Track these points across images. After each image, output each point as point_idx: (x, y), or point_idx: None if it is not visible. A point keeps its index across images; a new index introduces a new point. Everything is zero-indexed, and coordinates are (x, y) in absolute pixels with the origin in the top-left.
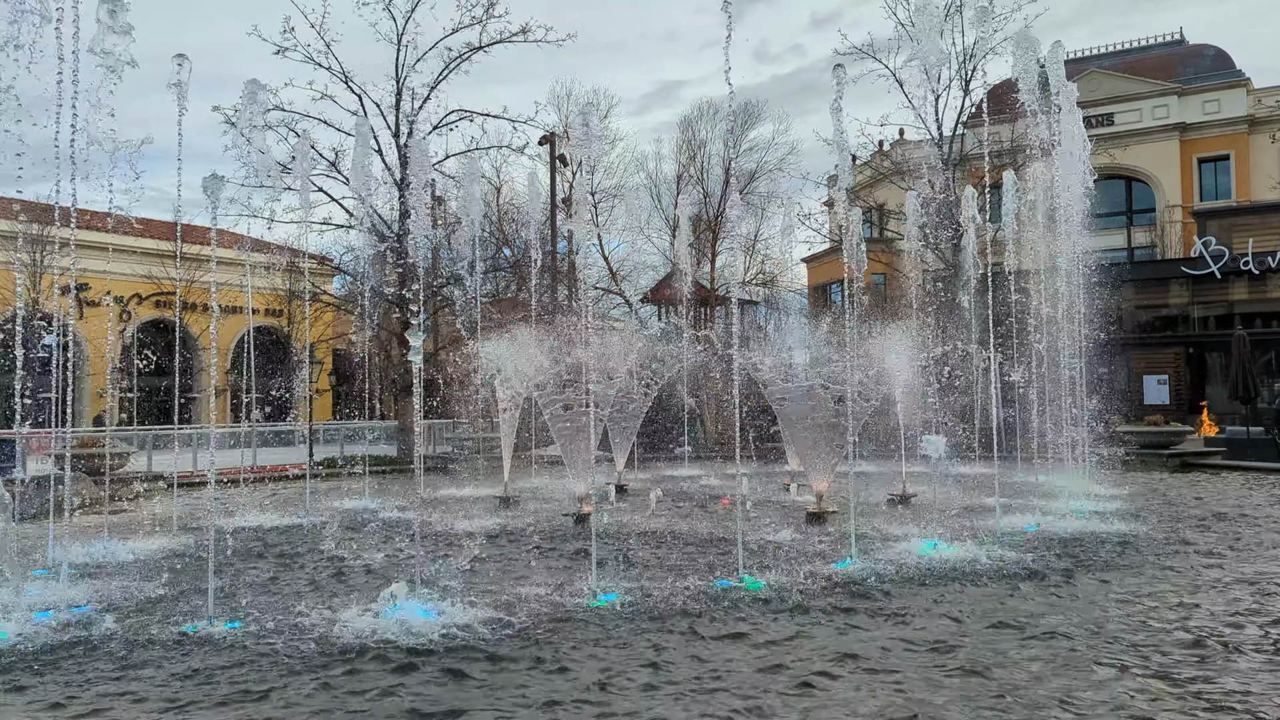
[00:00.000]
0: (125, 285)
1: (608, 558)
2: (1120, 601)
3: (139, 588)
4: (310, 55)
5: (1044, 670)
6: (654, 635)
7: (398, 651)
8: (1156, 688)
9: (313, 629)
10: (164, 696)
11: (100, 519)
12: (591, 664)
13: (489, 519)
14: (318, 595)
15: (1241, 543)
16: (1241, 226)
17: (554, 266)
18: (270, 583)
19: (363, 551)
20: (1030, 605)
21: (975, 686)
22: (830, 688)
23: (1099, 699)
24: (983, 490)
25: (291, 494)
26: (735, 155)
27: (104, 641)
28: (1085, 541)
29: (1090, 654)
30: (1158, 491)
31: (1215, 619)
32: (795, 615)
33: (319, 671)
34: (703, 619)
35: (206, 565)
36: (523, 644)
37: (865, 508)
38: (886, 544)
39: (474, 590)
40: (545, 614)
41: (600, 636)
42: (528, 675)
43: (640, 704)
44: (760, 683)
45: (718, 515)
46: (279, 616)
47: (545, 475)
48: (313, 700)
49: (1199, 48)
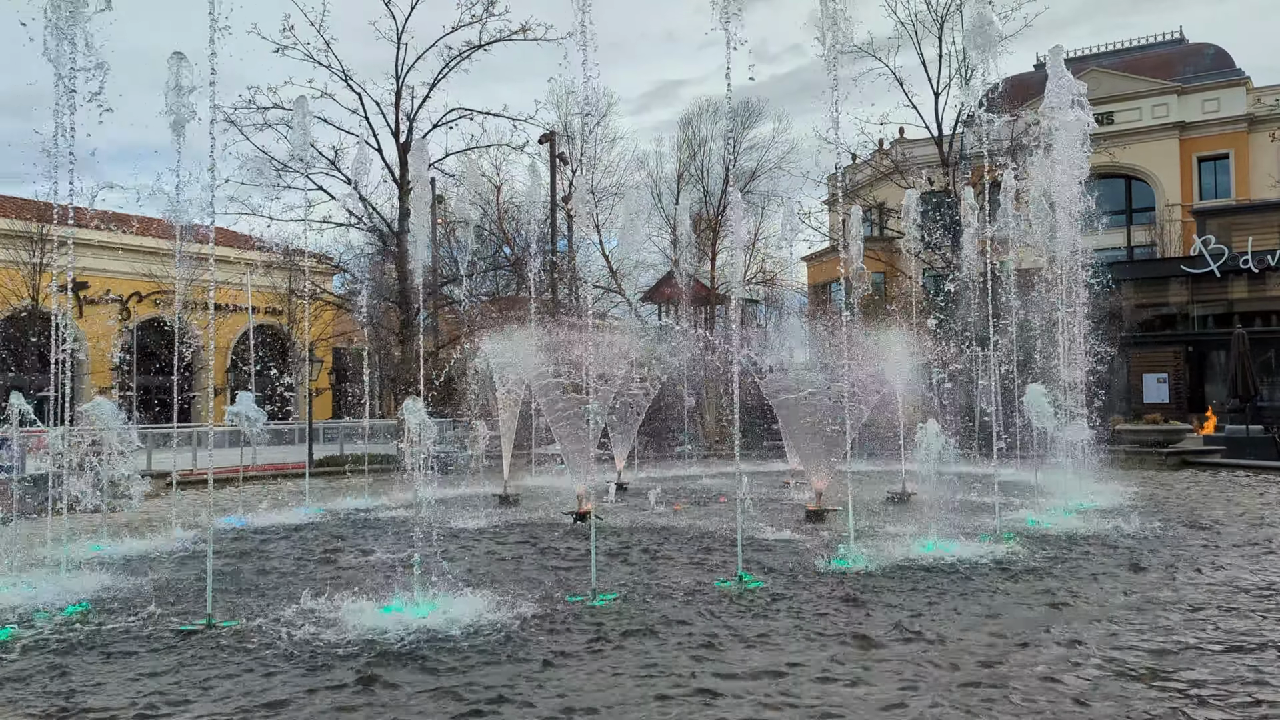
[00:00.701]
0: (125, 284)
1: (606, 556)
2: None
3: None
4: (310, 54)
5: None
6: (651, 637)
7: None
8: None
9: (305, 624)
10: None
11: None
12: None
13: (488, 518)
14: (314, 590)
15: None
16: (1241, 225)
17: (554, 264)
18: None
19: (356, 550)
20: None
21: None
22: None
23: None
24: (981, 489)
25: (290, 492)
26: (734, 156)
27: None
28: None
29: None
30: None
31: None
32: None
33: (319, 673)
34: (700, 619)
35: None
36: (514, 647)
37: (864, 506)
38: (887, 541)
39: (471, 587)
40: (539, 614)
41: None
42: (512, 680)
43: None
44: (757, 688)
45: (717, 513)
46: (279, 613)
47: (545, 474)
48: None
49: (1199, 46)
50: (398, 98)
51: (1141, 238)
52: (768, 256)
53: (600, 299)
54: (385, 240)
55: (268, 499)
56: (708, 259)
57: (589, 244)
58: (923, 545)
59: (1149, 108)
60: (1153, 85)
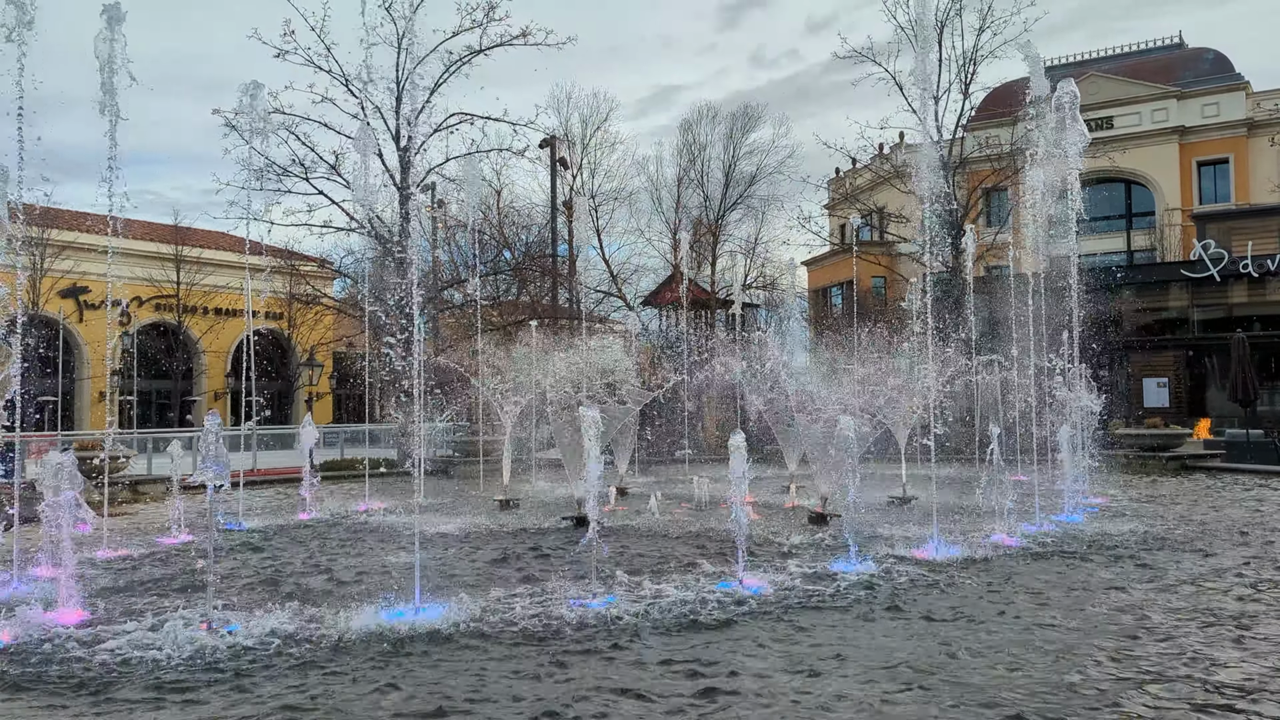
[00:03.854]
0: (125, 288)
1: (608, 560)
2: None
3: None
4: (310, 58)
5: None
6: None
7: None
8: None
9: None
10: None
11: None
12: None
13: (487, 521)
14: (319, 594)
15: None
16: (1240, 229)
17: (554, 269)
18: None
19: (353, 555)
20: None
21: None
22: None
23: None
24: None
25: (290, 497)
26: (735, 160)
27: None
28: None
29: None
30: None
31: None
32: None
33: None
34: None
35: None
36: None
37: (867, 509)
38: (889, 543)
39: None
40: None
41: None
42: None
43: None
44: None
45: (718, 517)
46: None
47: (544, 479)
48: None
49: (1198, 51)
50: (398, 102)
51: (1142, 242)
52: (768, 260)
53: (601, 303)
54: (386, 244)
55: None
56: (708, 263)
57: (589, 249)
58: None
59: (1148, 112)
60: (1152, 90)
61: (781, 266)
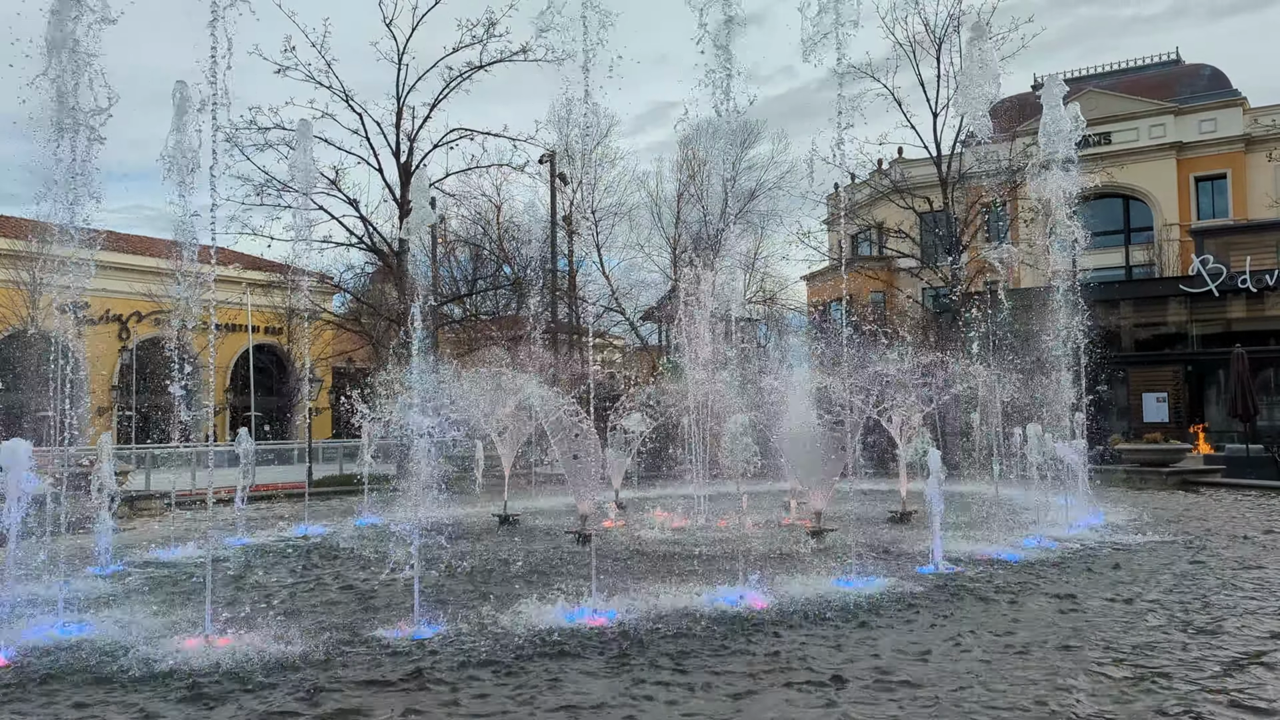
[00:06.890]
0: (125, 303)
1: (610, 575)
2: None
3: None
4: (311, 74)
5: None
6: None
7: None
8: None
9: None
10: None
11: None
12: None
13: (488, 538)
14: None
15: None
16: (1239, 245)
17: (554, 284)
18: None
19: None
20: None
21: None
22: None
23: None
24: (983, 509)
25: (290, 511)
26: (734, 175)
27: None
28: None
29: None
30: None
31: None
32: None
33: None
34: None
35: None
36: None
37: (865, 525)
38: (887, 559)
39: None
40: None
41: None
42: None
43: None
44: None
45: (718, 533)
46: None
47: (544, 495)
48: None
49: (1195, 67)
50: (398, 118)
51: (1140, 257)
52: (767, 275)
53: (601, 318)
54: (385, 259)
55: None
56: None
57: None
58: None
59: (1146, 128)
60: (1150, 105)
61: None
